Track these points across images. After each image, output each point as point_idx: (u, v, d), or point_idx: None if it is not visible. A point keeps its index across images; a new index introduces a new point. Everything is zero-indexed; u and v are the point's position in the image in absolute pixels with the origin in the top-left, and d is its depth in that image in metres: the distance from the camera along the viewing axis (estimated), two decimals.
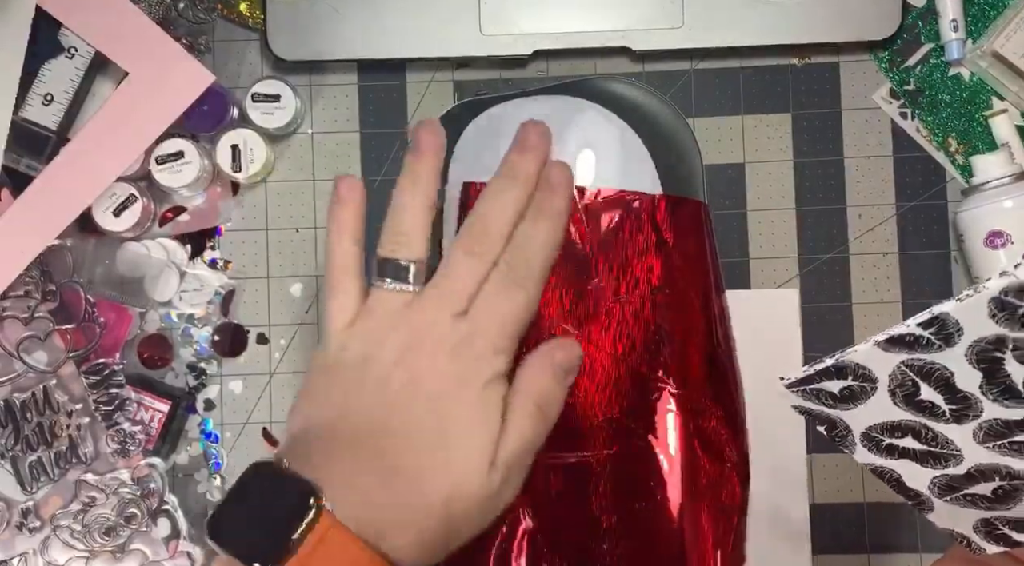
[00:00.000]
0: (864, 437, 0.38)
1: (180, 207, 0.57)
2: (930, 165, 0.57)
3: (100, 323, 0.55)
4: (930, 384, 0.35)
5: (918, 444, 0.37)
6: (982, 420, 0.35)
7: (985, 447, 0.36)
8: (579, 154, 0.51)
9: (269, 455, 0.41)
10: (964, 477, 0.37)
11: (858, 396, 0.36)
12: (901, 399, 0.36)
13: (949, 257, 0.57)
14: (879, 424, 0.37)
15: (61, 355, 0.54)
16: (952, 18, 0.56)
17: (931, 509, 0.40)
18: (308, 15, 0.56)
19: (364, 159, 0.58)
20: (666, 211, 0.48)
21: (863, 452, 0.39)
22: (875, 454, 0.38)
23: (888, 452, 0.38)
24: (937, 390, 0.35)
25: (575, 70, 0.58)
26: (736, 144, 0.57)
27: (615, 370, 0.47)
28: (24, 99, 0.54)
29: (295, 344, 0.57)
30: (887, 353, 0.34)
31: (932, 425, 0.36)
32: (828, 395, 0.37)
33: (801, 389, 0.38)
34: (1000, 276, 0.30)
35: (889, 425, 0.37)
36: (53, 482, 0.54)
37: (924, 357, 0.34)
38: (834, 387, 0.36)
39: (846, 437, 0.38)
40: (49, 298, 0.54)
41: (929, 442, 0.37)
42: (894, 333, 0.34)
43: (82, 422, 0.54)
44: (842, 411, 0.37)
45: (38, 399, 0.54)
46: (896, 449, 0.38)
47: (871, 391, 0.36)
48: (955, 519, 0.40)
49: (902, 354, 0.34)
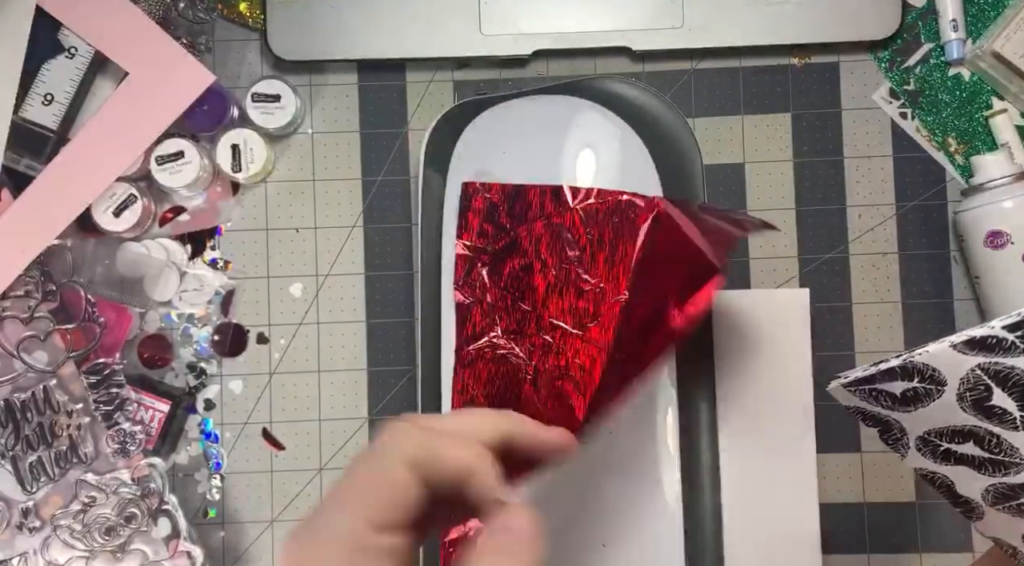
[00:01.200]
0: (920, 441, 0.37)
1: (180, 207, 0.57)
2: (930, 165, 0.57)
3: (100, 323, 0.55)
4: (1005, 389, 0.34)
5: (979, 450, 0.36)
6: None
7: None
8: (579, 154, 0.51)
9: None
10: (1023, 486, 0.37)
11: (922, 398, 0.36)
12: (970, 403, 0.35)
13: (949, 257, 0.57)
14: (940, 428, 0.36)
15: (61, 355, 0.54)
16: (952, 18, 0.56)
17: (980, 517, 0.39)
18: (308, 15, 0.56)
19: (364, 159, 0.58)
20: (653, 217, 0.47)
21: (916, 456, 0.38)
22: (929, 459, 0.38)
23: (944, 457, 0.37)
24: (1012, 396, 0.34)
25: (575, 70, 0.58)
26: (736, 144, 0.57)
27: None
28: (24, 99, 0.54)
29: (295, 344, 0.57)
30: (963, 355, 0.34)
31: (999, 432, 0.35)
32: (888, 396, 0.36)
33: (859, 389, 0.37)
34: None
35: (951, 430, 0.36)
36: (53, 482, 0.54)
37: (1004, 361, 0.33)
38: (896, 388, 0.36)
39: (900, 439, 0.38)
40: (49, 298, 0.54)
41: (992, 449, 0.36)
42: (975, 334, 0.33)
43: (82, 422, 0.54)
44: (901, 413, 0.37)
45: (38, 399, 0.54)
46: (953, 455, 0.37)
47: (937, 394, 0.35)
48: (1005, 528, 0.39)
49: (979, 357, 0.34)
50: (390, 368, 0.57)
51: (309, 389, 0.57)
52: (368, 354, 0.57)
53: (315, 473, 0.57)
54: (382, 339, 0.57)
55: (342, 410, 0.57)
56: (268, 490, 0.56)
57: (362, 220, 0.57)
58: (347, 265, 0.57)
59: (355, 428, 0.57)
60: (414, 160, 0.57)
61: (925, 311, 0.56)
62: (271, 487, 0.56)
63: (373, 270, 0.57)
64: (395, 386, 0.57)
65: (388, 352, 0.57)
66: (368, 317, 0.57)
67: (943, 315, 0.56)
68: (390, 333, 0.57)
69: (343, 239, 0.57)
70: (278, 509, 0.56)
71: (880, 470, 0.56)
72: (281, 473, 0.57)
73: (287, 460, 0.57)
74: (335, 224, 0.57)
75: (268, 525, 0.56)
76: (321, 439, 0.57)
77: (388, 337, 0.57)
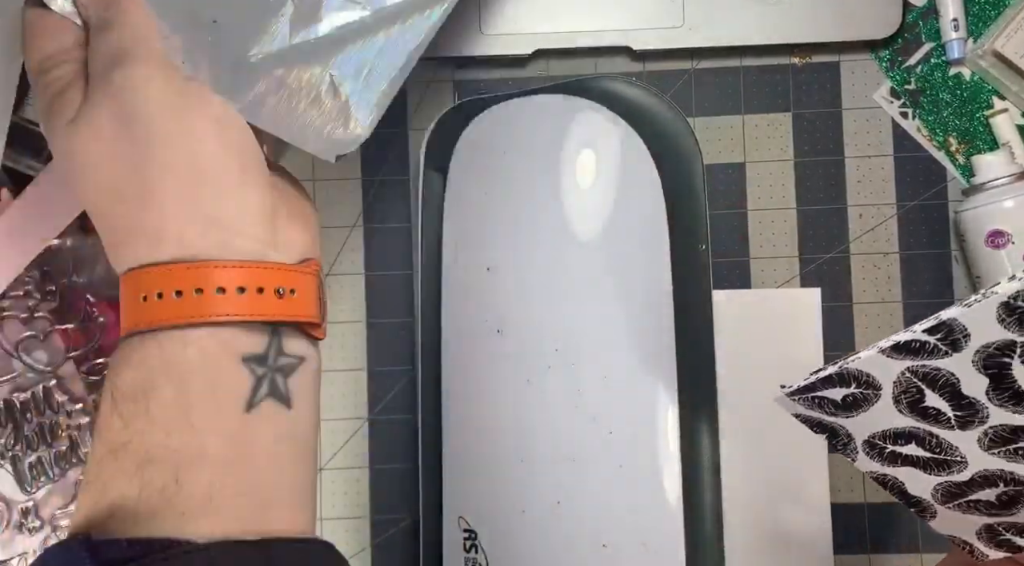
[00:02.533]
0: (866, 444, 0.38)
1: None
2: (931, 165, 0.57)
3: (100, 323, 0.55)
4: (936, 390, 0.35)
5: (922, 451, 0.37)
6: (987, 426, 0.35)
7: (990, 453, 0.36)
8: (579, 154, 0.51)
9: None
10: (968, 483, 0.37)
11: (861, 403, 0.36)
12: (906, 406, 0.36)
13: (950, 257, 0.57)
14: (882, 431, 0.37)
15: (61, 355, 0.54)
16: (953, 17, 0.56)
17: (934, 515, 0.40)
18: None
19: (364, 159, 0.58)
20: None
21: (865, 459, 0.39)
22: (877, 461, 0.38)
23: (891, 459, 0.38)
24: (943, 397, 0.35)
25: (575, 70, 0.57)
26: (736, 144, 0.57)
27: None
28: (24, 99, 0.54)
29: None
30: (891, 360, 0.34)
31: (937, 432, 0.36)
32: (830, 403, 0.37)
33: (802, 397, 0.37)
34: (1009, 280, 0.30)
35: (893, 432, 0.37)
36: (53, 482, 0.54)
37: (930, 363, 0.34)
38: (836, 395, 0.36)
39: (848, 444, 0.38)
40: (49, 298, 0.54)
41: (933, 449, 0.37)
42: (899, 339, 0.34)
43: (82, 422, 0.54)
44: (844, 419, 0.37)
45: (38, 399, 0.54)
46: (899, 456, 0.38)
47: (875, 398, 0.36)
48: (958, 525, 0.40)
49: (907, 361, 0.34)
50: (390, 368, 0.57)
51: None
52: (368, 354, 0.57)
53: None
54: (382, 339, 0.57)
55: (342, 410, 0.57)
56: None
57: (362, 220, 0.57)
58: (347, 265, 0.57)
59: (355, 428, 0.57)
60: (414, 160, 0.57)
61: (926, 311, 0.56)
62: None
63: (373, 270, 0.57)
64: (395, 386, 0.57)
65: (388, 352, 0.57)
66: (368, 317, 0.57)
67: None
68: (390, 333, 0.57)
69: (343, 239, 0.57)
70: None
71: None
72: None
73: None
74: (335, 224, 0.57)
75: None
76: (321, 439, 0.57)
77: (388, 337, 0.57)
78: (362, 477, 0.57)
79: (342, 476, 0.57)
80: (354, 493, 0.56)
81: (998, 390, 0.33)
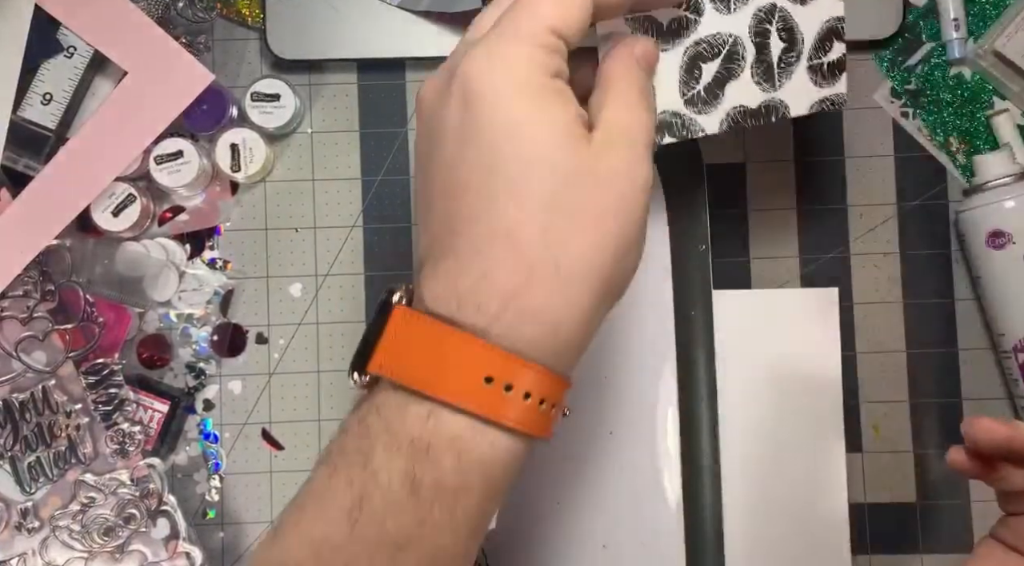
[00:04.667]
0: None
1: (179, 207, 0.57)
2: (931, 165, 0.57)
3: (99, 323, 0.54)
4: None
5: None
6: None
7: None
8: None
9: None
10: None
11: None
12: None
13: (950, 257, 0.56)
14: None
15: (60, 355, 0.54)
16: (953, 17, 0.56)
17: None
18: (308, 15, 0.56)
19: (364, 159, 0.57)
20: None
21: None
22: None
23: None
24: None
25: None
26: (736, 144, 0.57)
27: None
28: (23, 98, 0.54)
29: (294, 344, 0.57)
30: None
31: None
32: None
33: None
34: None
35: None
36: (52, 482, 0.54)
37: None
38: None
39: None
40: (48, 298, 0.54)
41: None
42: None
43: (81, 422, 0.54)
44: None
45: (37, 399, 0.54)
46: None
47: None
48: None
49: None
50: None
51: (308, 389, 0.57)
52: None
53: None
54: None
55: (342, 410, 0.57)
56: (267, 490, 0.56)
57: (361, 220, 0.57)
58: (347, 265, 0.57)
59: None
60: (413, 160, 0.57)
61: (926, 311, 0.56)
62: (270, 487, 0.56)
63: (373, 270, 0.57)
64: None
65: None
66: (368, 317, 0.57)
67: (944, 315, 0.56)
68: None
69: (342, 239, 0.57)
70: (277, 509, 0.56)
71: (881, 470, 0.55)
72: (280, 473, 0.56)
73: (286, 460, 0.57)
74: (335, 224, 0.57)
75: (268, 525, 0.56)
76: (320, 439, 0.57)
77: None
78: None
79: None
80: None
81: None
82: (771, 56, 0.44)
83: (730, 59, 0.43)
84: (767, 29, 0.44)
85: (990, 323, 0.55)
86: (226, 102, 0.56)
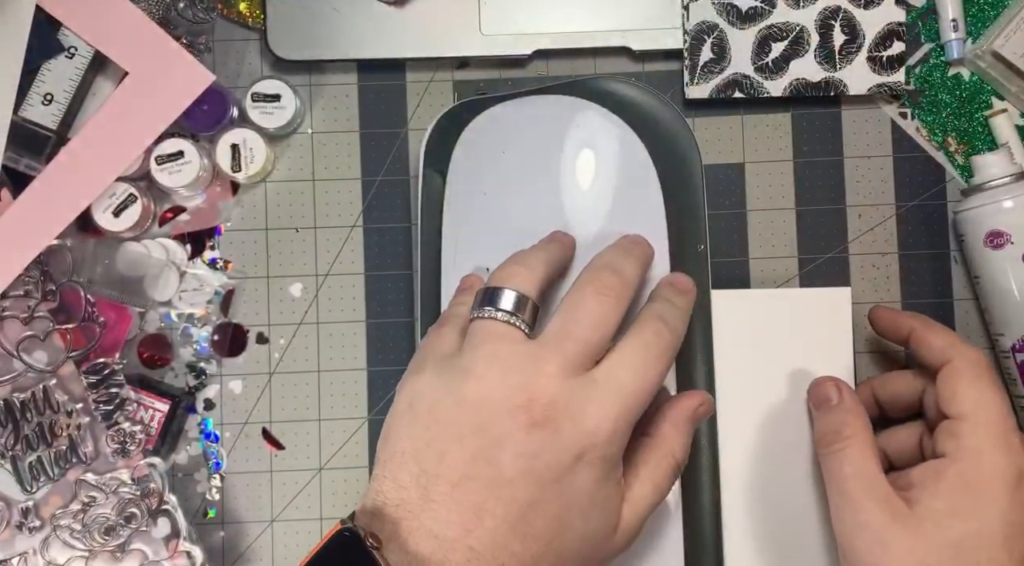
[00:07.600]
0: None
1: (180, 207, 0.57)
2: (930, 165, 0.57)
3: (100, 323, 0.55)
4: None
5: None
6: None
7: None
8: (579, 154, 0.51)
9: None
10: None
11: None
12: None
13: (949, 257, 0.57)
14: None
15: (61, 355, 0.54)
16: (952, 18, 0.56)
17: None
18: (308, 15, 0.56)
19: (364, 159, 0.58)
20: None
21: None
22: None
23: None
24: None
25: (575, 70, 0.58)
26: (736, 144, 0.57)
27: None
28: (24, 99, 0.54)
29: (295, 344, 0.57)
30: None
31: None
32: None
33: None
34: None
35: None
36: (53, 482, 0.54)
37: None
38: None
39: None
40: (49, 298, 0.54)
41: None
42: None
43: (82, 422, 0.54)
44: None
45: (38, 399, 0.54)
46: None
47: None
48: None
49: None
50: (390, 368, 0.57)
51: (309, 389, 0.57)
52: (368, 354, 0.57)
53: (315, 473, 0.57)
54: (382, 339, 0.57)
55: (342, 410, 0.57)
56: (268, 490, 0.57)
57: (362, 220, 0.57)
58: (347, 265, 0.57)
59: (355, 428, 0.57)
60: (414, 160, 0.57)
61: (925, 311, 0.56)
62: (271, 487, 0.57)
63: (373, 270, 0.57)
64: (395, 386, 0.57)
65: (388, 352, 0.57)
66: (368, 317, 0.57)
67: (943, 315, 0.56)
68: (390, 333, 0.57)
69: (343, 239, 0.57)
70: (278, 509, 0.56)
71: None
72: (281, 473, 0.57)
73: (287, 460, 0.57)
74: (335, 224, 0.57)
75: (268, 525, 0.56)
76: (321, 439, 0.57)
77: (388, 337, 0.57)
78: (362, 477, 0.57)
79: (342, 476, 0.57)
80: (354, 493, 0.56)
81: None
82: (833, 44, 0.54)
83: (796, 42, 0.54)
84: (831, 24, 0.54)
85: (989, 323, 0.55)
86: (227, 102, 0.56)
